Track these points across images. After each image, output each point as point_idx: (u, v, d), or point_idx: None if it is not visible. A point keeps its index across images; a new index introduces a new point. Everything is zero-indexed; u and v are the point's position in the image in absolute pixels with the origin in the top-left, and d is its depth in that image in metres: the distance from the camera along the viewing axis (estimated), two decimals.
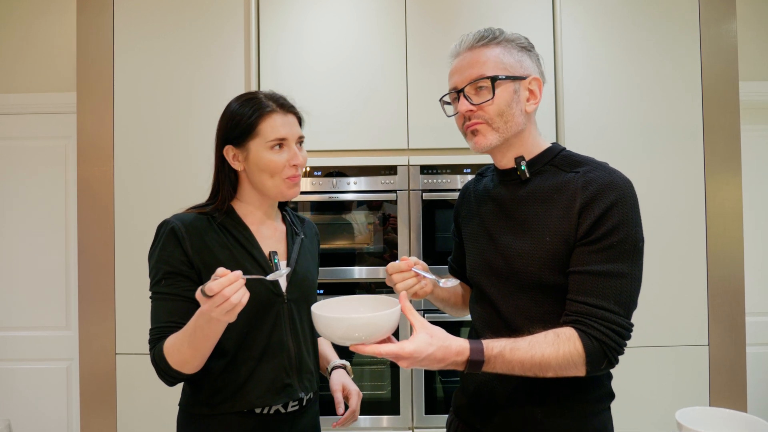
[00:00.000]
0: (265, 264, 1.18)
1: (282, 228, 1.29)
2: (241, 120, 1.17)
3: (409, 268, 1.15)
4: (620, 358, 1.02)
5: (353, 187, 2.20)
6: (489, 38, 1.11)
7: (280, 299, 1.19)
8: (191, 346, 1.04)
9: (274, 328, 1.17)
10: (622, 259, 1.00)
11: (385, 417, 2.18)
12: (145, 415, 2.11)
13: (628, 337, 1.00)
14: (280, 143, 1.17)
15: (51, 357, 2.64)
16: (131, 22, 2.16)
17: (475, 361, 0.94)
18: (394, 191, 2.19)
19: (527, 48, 1.15)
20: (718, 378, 2.13)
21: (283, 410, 1.18)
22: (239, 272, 0.94)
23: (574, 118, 2.15)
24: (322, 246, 2.19)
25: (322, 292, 2.17)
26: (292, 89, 2.19)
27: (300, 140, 1.22)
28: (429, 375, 2.17)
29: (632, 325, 1.01)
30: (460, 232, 1.32)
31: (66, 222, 2.66)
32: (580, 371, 0.98)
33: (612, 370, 1.11)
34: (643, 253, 1.03)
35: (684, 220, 2.15)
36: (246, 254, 1.18)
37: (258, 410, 1.16)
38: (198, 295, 0.94)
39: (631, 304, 1.01)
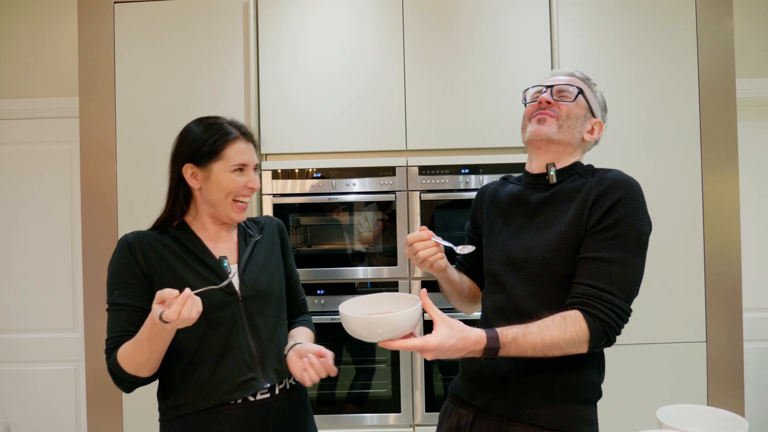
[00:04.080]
0: (218, 269, 1.25)
1: (235, 235, 1.35)
2: (206, 143, 1.25)
3: (429, 237, 1.22)
4: (618, 354, 1.10)
5: (352, 189, 2.23)
6: (587, 79, 1.31)
7: (234, 298, 1.25)
8: (147, 350, 1.11)
9: (232, 326, 1.24)
10: (627, 248, 1.11)
11: (386, 415, 2.21)
12: (150, 416, 2.13)
13: (626, 320, 1.11)
14: (241, 167, 1.26)
15: (59, 359, 2.69)
16: (132, 28, 2.19)
17: (492, 348, 1.04)
18: (393, 192, 2.21)
19: (603, 106, 1.33)
20: (716, 374, 2.15)
21: (252, 398, 1.24)
22: (187, 291, 1.02)
23: None
24: (321, 247, 2.22)
25: (322, 292, 2.20)
26: (292, 92, 2.24)
27: (256, 167, 1.31)
28: (429, 373, 2.20)
29: (631, 310, 1.11)
30: (477, 230, 1.42)
31: (71, 225, 2.70)
32: (583, 348, 1.09)
33: (611, 365, 1.25)
34: (647, 246, 1.14)
35: (681, 217, 2.16)
36: (198, 261, 1.25)
37: (225, 404, 1.22)
38: (155, 321, 1.01)
39: (632, 290, 1.12)
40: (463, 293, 1.40)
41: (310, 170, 2.22)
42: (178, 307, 1.00)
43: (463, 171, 2.20)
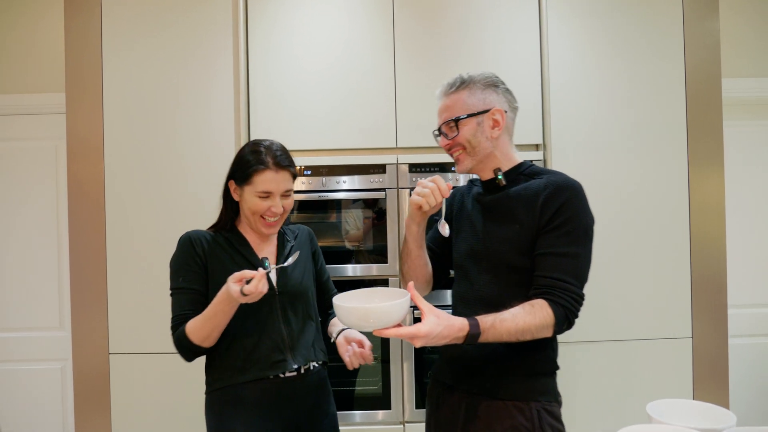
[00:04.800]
0: (259, 267, 1.42)
1: (275, 240, 1.58)
2: (244, 168, 1.46)
3: (443, 197, 1.35)
4: (605, 350, 1.20)
5: (343, 186, 2.23)
6: (457, 85, 1.39)
7: (272, 292, 1.46)
8: (212, 324, 1.35)
9: (268, 315, 1.46)
10: (577, 243, 1.28)
11: (376, 412, 2.21)
12: (139, 414, 2.13)
13: (582, 304, 1.27)
14: (267, 195, 1.45)
15: (45, 358, 2.66)
16: (120, 22, 2.17)
17: (474, 334, 1.16)
18: (383, 189, 2.21)
19: (494, 84, 1.40)
20: (702, 369, 2.18)
21: (282, 375, 1.46)
22: (262, 270, 1.28)
23: (560, 116, 2.19)
24: None
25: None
26: (282, 89, 2.23)
27: (287, 192, 1.48)
28: (419, 370, 2.21)
29: (584, 295, 1.28)
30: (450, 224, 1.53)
31: (57, 222, 2.67)
32: (549, 332, 1.24)
33: (596, 361, 1.71)
34: (593, 237, 1.31)
35: (668, 215, 2.19)
36: (243, 259, 1.48)
37: (260, 379, 1.44)
38: (235, 293, 1.25)
39: (584, 278, 1.29)
40: (417, 268, 1.49)
41: (301, 167, 2.22)
42: (256, 282, 1.25)
43: (452, 169, 2.21)
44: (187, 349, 1.40)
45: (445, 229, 1.40)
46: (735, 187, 2.71)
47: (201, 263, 1.45)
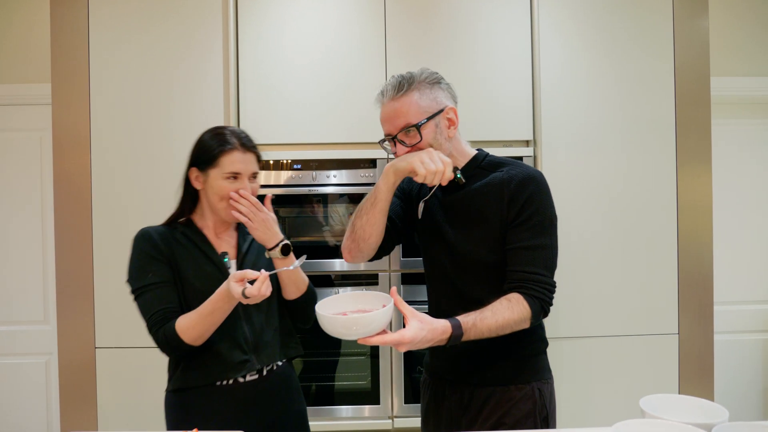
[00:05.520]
0: (219, 263, 1.43)
1: (235, 232, 1.52)
2: (208, 150, 1.40)
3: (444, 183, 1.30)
4: (593, 346, 1.34)
5: (333, 180, 2.21)
6: (405, 87, 1.32)
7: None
8: (209, 322, 1.30)
9: (231, 313, 1.36)
10: (544, 234, 1.30)
11: (365, 407, 2.21)
12: (125, 408, 2.11)
13: (554, 292, 1.30)
14: (235, 176, 1.39)
15: (29, 352, 2.63)
16: (107, 12, 2.13)
17: (457, 335, 1.17)
18: (373, 184, 2.20)
19: (437, 81, 1.36)
20: (687, 365, 2.20)
21: (241, 380, 1.40)
22: (265, 272, 1.23)
23: (551, 114, 2.19)
24: (300, 239, 2.22)
25: None
26: (272, 82, 2.21)
27: (254, 175, 1.44)
28: (408, 365, 2.21)
29: (555, 283, 1.31)
30: (404, 211, 1.50)
31: (42, 215, 2.63)
32: (527, 324, 1.26)
33: (583, 357, 1.72)
34: (557, 226, 1.34)
35: (655, 212, 2.20)
36: (202, 254, 1.43)
37: (219, 383, 1.38)
38: (237, 294, 1.21)
39: (554, 266, 1.32)
40: (376, 226, 1.38)
41: (290, 161, 2.20)
42: (259, 285, 1.21)
43: None
44: (175, 348, 1.33)
45: (420, 211, 1.41)
46: (722, 186, 2.74)
47: (166, 256, 1.38)
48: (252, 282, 1.23)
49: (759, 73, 2.75)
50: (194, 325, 1.30)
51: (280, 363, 1.48)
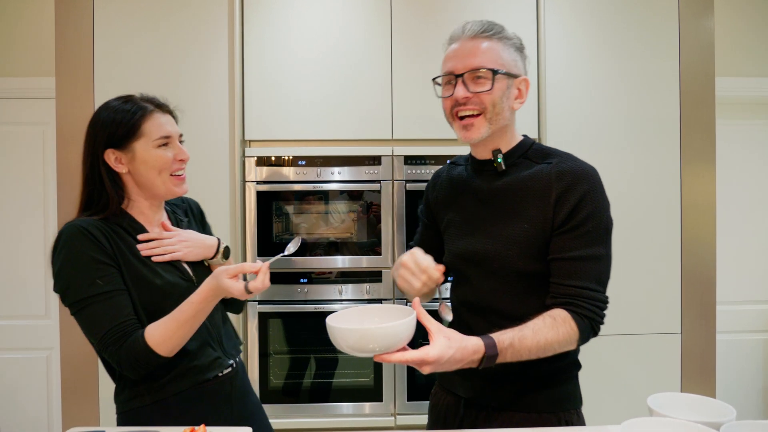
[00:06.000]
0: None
1: (166, 219, 1.33)
2: (122, 122, 1.18)
3: (437, 283, 1.15)
4: (596, 345, 1.17)
5: (337, 177, 2.21)
6: (492, 32, 1.15)
7: (191, 284, 1.25)
8: (189, 328, 1.14)
9: None
10: (598, 243, 1.10)
11: (367, 404, 2.21)
12: None
13: (606, 308, 1.12)
14: (166, 141, 1.22)
15: (31, 346, 2.62)
16: (112, 5, 2.12)
17: (491, 356, 0.99)
18: (378, 181, 2.20)
19: (521, 49, 1.21)
20: (690, 364, 2.21)
21: (220, 374, 1.28)
22: (266, 264, 1.12)
23: (557, 112, 2.19)
24: (304, 235, 2.20)
25: (305, 281, 2.18)
26: (277, 78, 2.20)
27: (180, 138, 1.27)
28: None
29: (608, 298, 1.13)
30: (431, 215, 1.36)
31: (44, 209, 2.63)
32: (573, 346, 1.08)
33: (587, 357, 1.25)
34: (612, 233, 1.14)
35: (660, 211, 2.21)
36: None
37: (201, 383, 1.25)
38: (238, 291, 1.10)
39: (607, 280, 1.13)
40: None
41: (295, 158, 2.19)
42: (263, 277, 1.11)
43: (448, 161, 2.19)
44: (145, 365, 1.12)
45: (448, 315, 1.22)
46: (726, 186, 2.74)
47: (111, 256, 1.15)
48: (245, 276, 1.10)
49: (764, 74, 2.75)
50: (172, 335, 1.12)
51: (239, 359, 1.37)
